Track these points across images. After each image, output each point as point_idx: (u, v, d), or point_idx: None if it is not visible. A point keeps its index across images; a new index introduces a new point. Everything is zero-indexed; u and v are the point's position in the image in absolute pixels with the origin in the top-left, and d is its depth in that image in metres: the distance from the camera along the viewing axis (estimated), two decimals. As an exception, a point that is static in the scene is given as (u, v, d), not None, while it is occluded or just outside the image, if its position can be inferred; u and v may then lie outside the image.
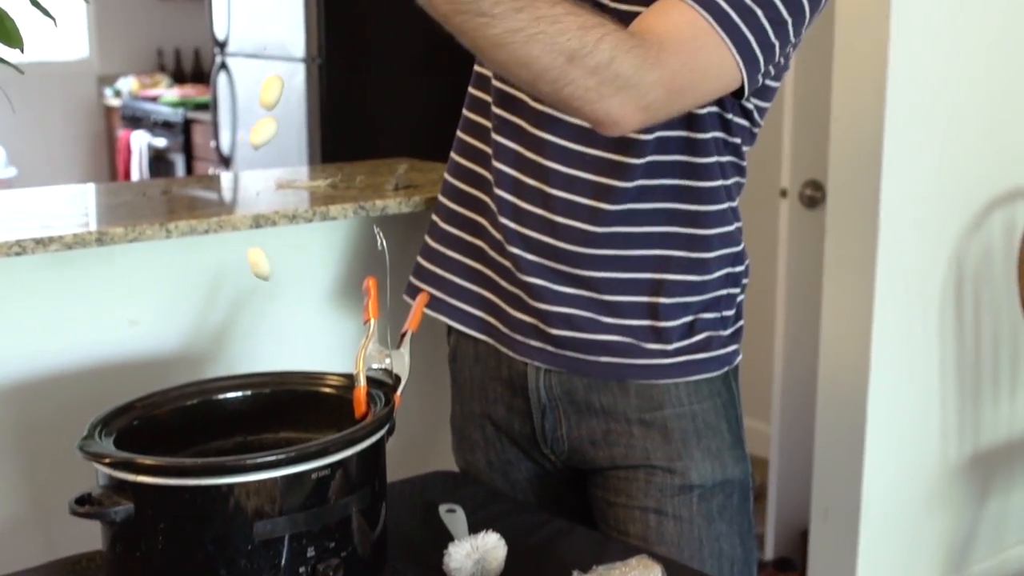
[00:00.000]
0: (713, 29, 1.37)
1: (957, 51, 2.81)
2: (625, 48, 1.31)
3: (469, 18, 1.26)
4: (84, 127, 7.12)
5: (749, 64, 1.41)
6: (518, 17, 1.26)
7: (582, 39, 1.28)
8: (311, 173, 2.33)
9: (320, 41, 4.44)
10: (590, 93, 1.31)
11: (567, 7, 1.29)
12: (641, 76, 1.32)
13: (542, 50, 1.27)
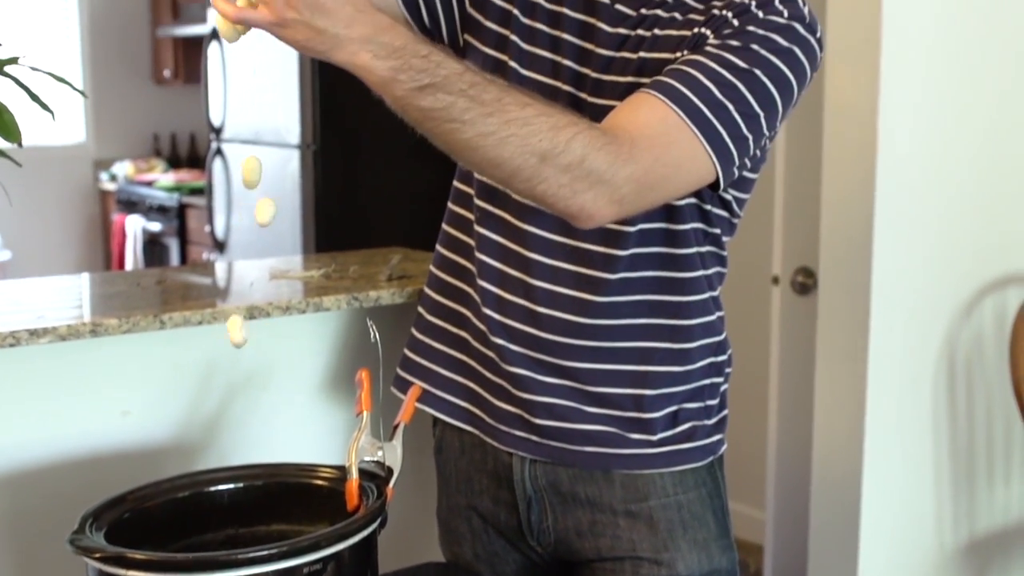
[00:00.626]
0: (685, 124, 1.39)
1: (947, 138, 2.84)
2: (597, 145, 1.33)
3: (439, 124, 1.28)
4: (79, 211, 7.16)
5: (722, 158, 1.43)
6: (488, 121, 1.28)
7: (553, 139, 1.31)
8: (305, 263, 2.34)
9: (315, 128, 4.48)
10: (563, 190, 1.34)
11: (538, 108, 1.32)
12: (614, 172, 1.34)
13: (514, 152, 1.30)
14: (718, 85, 1.41)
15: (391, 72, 1.25)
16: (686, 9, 1.53)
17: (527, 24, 1.60)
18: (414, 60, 1.26)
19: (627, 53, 1.53)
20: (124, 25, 7.13)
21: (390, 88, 1.27)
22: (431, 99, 1.26)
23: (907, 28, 2.70)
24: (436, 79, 1.26)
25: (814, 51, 1.49)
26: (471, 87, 1.28)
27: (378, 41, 1.25)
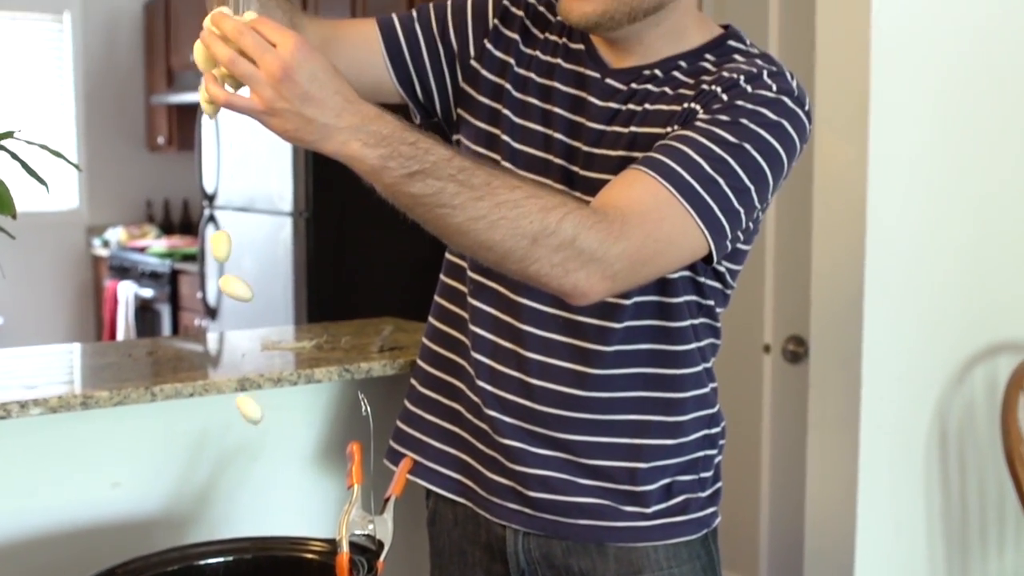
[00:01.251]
0: (675, 199, 1.40)
1: (936, 208, 2.86)
2: (587, 224, 1.33)
3: (430, 209, 1.29)
4: (71, 276, 7.16)
5: (714, 232, 1.43)
6: (479, 205, 1.29)
7: (544, 220, 1.31)
8: (297, 333, 2.34)
9: (308, 195, 4.51)
10: (556, 269, 1.34)
11: (527, 190, 1.33)
12: (606, 249, 1.34)
13: (505, 234, 1.30)
14: (708, 160, 1.42)
15: (380, 160, 1.26)
16: (676, 84, 1.55)
17: (519, 98, 1.62)
18: (402, 147, 1.26)
19: (618, 127, 1.55)
20: (119, 92, 7.18)
21: (380, 176, 1.27)
22: (420, 185, 1.27)
23: (896, 99, 2.72)
24: (425, 165, 1.27)
25: (803, 124, 1.51)
26: (460, 172, 1.29)
27: (367, 130, 1.25)
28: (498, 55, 1.65)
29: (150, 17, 7.14)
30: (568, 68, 1.61)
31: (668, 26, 1.57)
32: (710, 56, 1.57)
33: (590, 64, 1.60)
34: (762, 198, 1.48)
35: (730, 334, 1.76)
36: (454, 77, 1.67)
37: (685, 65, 1.57)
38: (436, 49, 1.67)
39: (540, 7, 1.68)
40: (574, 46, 1.63)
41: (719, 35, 1.61)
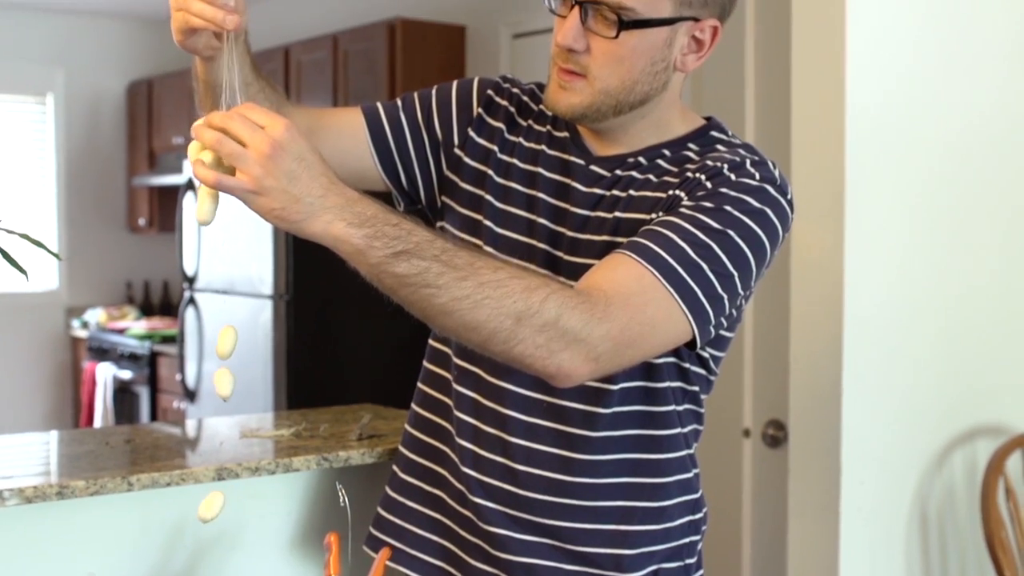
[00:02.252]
0: (659, 283, 1.41)
1: (913, 294, 2.88)
2: (571, 305, 1.34)
3: (415, 290, 1.30)
4: (50, 358, 7.13)
5: (698, 316, 1.44)
6: (463, 285, 1.30)
7: (527, 300, 1.32)
8: (276, 420, 2.34)
9: (288, 278, 4.51)
10: (540, 350, 1.34)
11: (511, 271, 1.34)
12: (589, 330, 1.35)
13: (489, 314, 1.31)
14: (692, 246, 1.43)
15: (365, 240, 1.27)
16: (660, 171, 1.57)
17: (502, 184, 1.63)
18: (387, 228, 1.28)
19: (602, 212, 1.56)
20: (100, 173, 7.21)
21: (365, 256, 1.28)
22: (405, 265, 1.28)
23: (871, 187, 2.75)
24: (409, 245, 1.28)
25: (786, 213, 1.53)
26: (443, 252, 1.30)
27: (352, 210, 1.27)
28: (482, 143, 1.67)
29: (132, 99, 7.19)
30: (552, 155, 1.63)
31: (653, 118, 1.59)
32: (693, 145, 1.60)
33: (575, 151, 1.62)
34: (745, 285, 1.49)
35: (710, 418, 1.76)
36: (438, 165, 1.69)
37: (669, 154, 1.59)
38: (421, 137, 1.69)
39: (524, 97, 1.70)
40: (558, 134, 1.65)
41: (702, 126, 1.64)
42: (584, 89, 1.53)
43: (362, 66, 5.22)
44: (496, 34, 5.15)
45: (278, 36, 6.16)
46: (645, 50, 1.52)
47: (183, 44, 1.43)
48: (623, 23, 1.48)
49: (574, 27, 1.50)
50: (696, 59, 1.57)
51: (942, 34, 2.89)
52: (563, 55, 1.53)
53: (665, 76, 1.56)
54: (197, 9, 1.37)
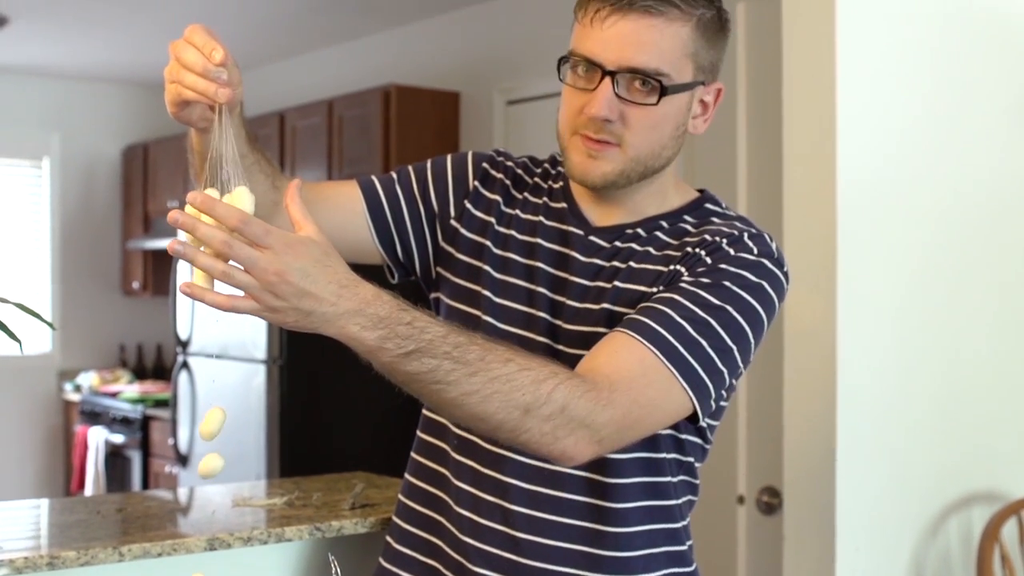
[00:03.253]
0: (661, 363, 1.43)
1: (906, 360, 2.88)
2: (577, 394, 1.36)
3: (425, 385, 1.32)
4: (42, 421, 7.10)
5: (699, 393, 1.46)
6: (473, 380, 1.32)
7: (536, 392, 1.34)
8: (268, 488, 2.33)
9: (282, 343, 4.51)
10: (546, 437, 1.36)
11: (520, 363, 1.35)
12: (594, 417, 1.37)
13: (498, 407, 1.33)
14: (692, 323, 1.45)
15: (378, 341, 1.29)
16: (660, 244, 1.58)
17: (500, 255, 1.64)
18: (399, 328, 1.29)
19: (602, 283, 1.57)
20: (95, 236, 7.22)
21: (377, 355, 1.30)
22: (416, 364, 1.30)
23: (863, 254, 2.77)
24: (421, 344, 1.30)
25: (782, 285, 1.55)
26: (455, 348, 1.32)
27: (365, 313, 1.28)
28: (479, 215, 1.68)
29: (128, 163, 7.22)
30: (551, 225, 1.65)
31: (656, 187, 1.62)
32: (689, 218, 1.62)
33: (573, 221, 1.64)
34: (744, 358, 1.51)
35: (704, 484, 1.76)
36: (434, 237, 1.70)
37: (666, 225, 1.61)
38: (417, 210, 1.70)
39: (518, 170, 1.72)
40: (555, 204, 1.66)
41: (696, 198, 1.66)
42: (617, 157, 1.55)
43: (357, 131, 5.26)
44: (490, 100, 5.20)
45: (273, 101, 6.20)
46: (673, 115, 1.55)
47: (177, 116, 1.44)
48: (664, 89, 1.50)
49: (608, 97, 1.51)
50: (704, 122, 1.61)
51: (933, 105, 2.92)
52: (594, 125, 1.54)
53: (682, 140, 1.60)
54: (190, 82, 1.38)
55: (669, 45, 1.51)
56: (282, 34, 5.95)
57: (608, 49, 1.51)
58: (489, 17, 5.29)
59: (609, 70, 1.51)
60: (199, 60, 1.37)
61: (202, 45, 1.38)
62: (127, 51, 6.41)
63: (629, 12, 1.50)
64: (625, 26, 1.50)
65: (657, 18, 1.50)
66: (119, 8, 5.45)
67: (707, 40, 1.54)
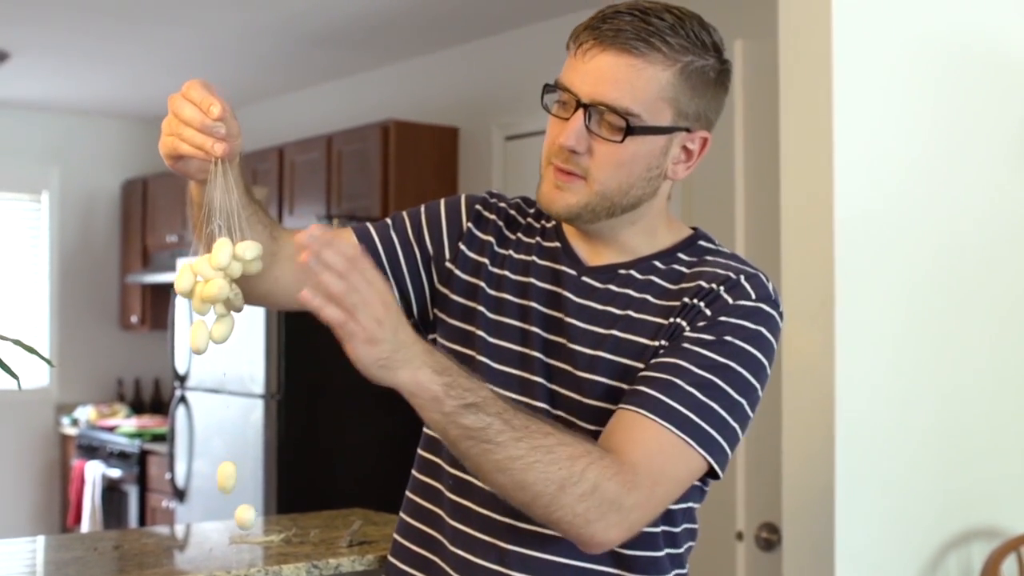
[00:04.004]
0: (677, 437, 1.45)
1: (905, 396, 2.88)
2: (608, 475, 1.39)
3: (476, 444, 1.35)
4: (39, 455, 7.08)
5: (716, 454, 1.48)
6: (519, 446, 1.36)
7: (571, 468, 1.37)
8: (265, 526, 2.31)
9: (280, 378, 4.51)
10: (578, 519, 1.39)
11: (558, 437, 1.39)
12: (622, 500, 1.40)
13: (537, 477, 1.37)
14: (700, 388, 1.47)
15: (444, 389, 1.33)
16: (658, 290, 1.58)
17: (494, 295, 1.65)
18: (461, 379, 1.34)
19: (600, 328, 1.57)
20: (93, 270, 7.23)
21: (441, 404, 1.33)
22: (473, 418, 1.34)
23: (861, 289, 2.77)
24: (478, 400, 1.35)
25: (778, 325, 1.57)
26: (504, 412, 1.36)
27: (434, 359, 1.34)
28: (472, 256, 1.69)
29: (127, 197, 7.24)
30: (543, 264, 1.65)
31: (642, 224, 1.62)
32: (683, 256, 1.62)
33: (566, 261, 1.64)
34: (753, 408, 1.53)
35: (703, 521, 1.75)
36: (430, 279, 1.70)
37: (661, 266, 1.61)
38: (413, 254, 1.71)
39: (511, 211, 1.73)
40: (548, 244, 1.67)
41: (689, 236, 1.66)
42: (581, 190, 1.55)
43: (355, 166, 5.27)
44: (488, 136, 5.21)
45: (273, 136, 6.23)
46: (644, 156, 1.55)
47: (174, 167, 1.45)
48: (630, 129, 1.51)
49: (577, 129, 1.53)
50: (685, 168, 1.60)
51: (930, 142, 2.93)
52: (563, 155, 1.55)
53: (657, 183, 1.59)
54: (187, 135, 1.39)
55: (644, 86, 1.51)
56: (281, 69, 5.98)
57: (585, 81, 1.52)
58: (488, 53, 5.32)
59: (583, 102, 1.52)
60: (197, 115, 1.38)
61: (200, 100, 1.39)
62: (127, 86, 6.44)
63: (610, 48, 1.51)
64: (604, 61, 1.51)
65: (637, 58, 1.51)
66: (119, 43, 5.47)
67: (692, 88, 1.54)
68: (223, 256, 1.34)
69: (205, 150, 1.38)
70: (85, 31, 5.25)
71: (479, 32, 5.22)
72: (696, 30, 1.54)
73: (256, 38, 5.33)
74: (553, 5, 4.70)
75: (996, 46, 3.09)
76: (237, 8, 4.83)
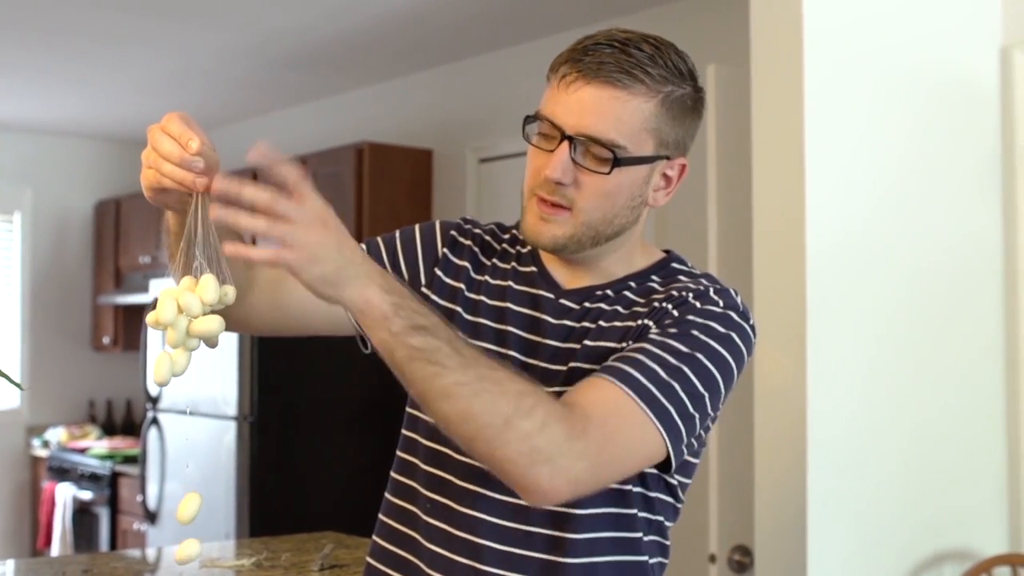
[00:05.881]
0: (635, 403, 1.43)
1: (876, 420, 2.90)
2: (556, 417, 1.37)
3: (424, 366, 1.33)
4: (9, 477, 7.03)
5: (672, 434, 1.46)
6: (466, 372, 1.33)
7: (518, 403, 1.35)
8: (237, 549, 2.31)
9: (252, 400, 4.49)
10: (523, 458, 1.36)
11: (507, 372, 1.37)
12: (569, 446, 1.37)
13: (483, 407, 1.34)
14: (664, 368, 1.46)
15: (393, 308, 1.31)
16: (628, 303, 1.60)
17: (470, 320, 1.65)
18: (410, 301, 1.33)
19: (573, 344, 1.58)
20: (65, 291, 7.19)
21: (389, 322, 1.31)
22: (420, 339, 1.32)
23: (833, 316, 2.79)
24: (428, 323, 1.33)
25: (749, 337, 1.56)
26: (454, 339, 1.35)
27: (384, 278, 1.33)
28: (448, 282, 1.69)
29: (100, 218, 7.21)
30: (520, 290, 1.65)
31: (622, 252, 1.64)
32: (656, 277, 1.64)
33: (543, 285, 1.65)
34: (714, 405, 1.52)
35: (675, 543, 1.75)
36: None
37: (635, 285, 1.62)
38: None
39: (486, 237, 1.73)
40: (524, 269, 1.67)
41: (662, 258, 1.67)
42: (568, 221, 1.56)
43: (330, 188, 5.27)
44: (463, 158, 5.22)
45: (246, 157, 6.21)
46: (628, 186, 1.56)
47: (153, 199, 1.45)
48: (616, 160, 1.52)
49: (564, 161, 1.53)
50: (665, 195, 1.62)
51: (901, 169, 2.96)
52: (548, 187, 1.56)
53: (639, 211, 1.60)
54: (167, 170, 1.39)
55: (629, 118, 1.52)
56: (255, 91, 5.98)
57: (569, 114, 1.53)
58: (462, 76, 5.33)
59: (568, 135, 1.53)
60: (175, 150, 1.39)
61: (178, 135, 1.39)
62: (100, 106, 6.42)
63: (594, 80, 1.52)
64: (588, 93, 1.52)
65: (621, 91, 1.52)
66: (93, 64, 5.46)
67: (673, 117, 1.56)
68: (212, 293, 1.34)
69: (186, 185, 1.39)
70: (59, 52, 5.23)
71: (453, 55, 5.24)
72: (674, 59, 1.56)
73: (230, 60, 5.33)
74: (528, 29, 4.72)
75: (966, 76, 3.12)
76: (211, 30, 4.83)
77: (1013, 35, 3.14)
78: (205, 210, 1.36)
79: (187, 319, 1.33)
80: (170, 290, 1.36)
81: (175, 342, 1.33)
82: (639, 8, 4.43)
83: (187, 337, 1.32)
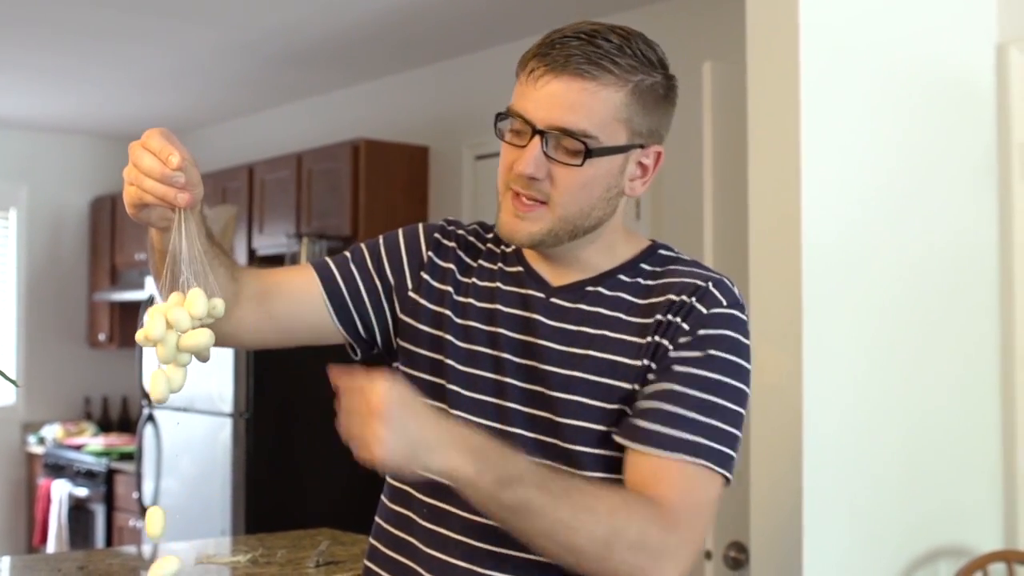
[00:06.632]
0: (699, 466, 1.47)
1: (872, 416, 2.90)
2: (650, 521, 1.42)
3: (521, 515, 1.38)
4: (4, 474, 7.02)
5: (728, 466, 1.51)
6: (559, 509, 1.38)
7: (613, 524, 1.39)
8: (232, 546, 2.31)
9: (248, 396, 4.49)
10: (634, 570, 1.40)
11: (594, 490, 1.42)
12: (668, 541, 1.42)
13: (583, 539, 1.38)
14: (702, 411, 1.49)
15: (476, 472, 1.34)
16: (627, 307, 1.58)
17: (461, 324, 1.64)
18: (492, 453, 1.37)
19: (577, 349, 1.57)
20: (61, 287, 7.19)
21: (477, 484, 1.35)
22: (511, 495, 1.36)
23: (829, 313, 2.79)
24: (515, 471, 1.37)
25: (747, 328, 1.58)
26: (543, 480, 1.39)
27: (465, 441, 1.36)
28: (436, 285, 1.68)
29: (95, 215, 7.21)
30: (509, 290, 1.64)
31: (602, 242, 1.62)
32: (645, 266, 1.62)
33: (531, 284, 1.64)
34: (745, 408, 1.55)
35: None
36: (393, 310, 1.70)
37: (626, 279, 1.61)
38: (373, 284, 1.70)
39: (470, 238, 1.72)
40: (511, 269, 1.66)
41: (648, 246, 1.66)
42: (544, 216, 1.56)
43: (326, 185, 5.27)
44: (459, 155, 5.22)
45: (243, 154, 6.21)
46: (603, 177, 1.55)
47: (136, 216, 1.45)
48: (588, 151, 1.52)
49: (536, 155, 1.53)
50: (642, 184, 1.62)
51: (897, 166, 2.96)
52: (522, 182, 1.55)
53: (616, 201, 1.59)
54: (149, 186, 1.39)
55: (600, 108, 1.52)
56: (252, 88, 5.98)
57: (539, 108, 1.53)
58: (458, 73, 5.33)
59: (539, 129, 1.52)
60: (156, 165, 1.38)
61: (158, 151, 1.39)
62: (96, 103, 6.42)
63: (562, 74, 1.52)
64: (557, 87, 1.52)
65: (590, 82, 1.52)
66: (89, 61, 5.46)
67: (644, 106, 1.55)
68: (200, 306, 1.34)
69: (168, 200, 1.39)
70: (55, 49, 5.23)
71: (449, 52, 5.24)
72: (643, 48, 1.56)
73: (226, 56, 5.33)
74: (524, 26, 4.72)
75: (961, 73, 3.12)
76: (207, 27, 4.82)
77: (1009, 32, 3.14)
78: (189, 225, 1.37)
79: (177, 334, 1.33)
80: (159, 306, 1.36)
81: (165, 357, 1.33)
82: (635, 5, 4.43)
83: (178, 352, 1.33)
